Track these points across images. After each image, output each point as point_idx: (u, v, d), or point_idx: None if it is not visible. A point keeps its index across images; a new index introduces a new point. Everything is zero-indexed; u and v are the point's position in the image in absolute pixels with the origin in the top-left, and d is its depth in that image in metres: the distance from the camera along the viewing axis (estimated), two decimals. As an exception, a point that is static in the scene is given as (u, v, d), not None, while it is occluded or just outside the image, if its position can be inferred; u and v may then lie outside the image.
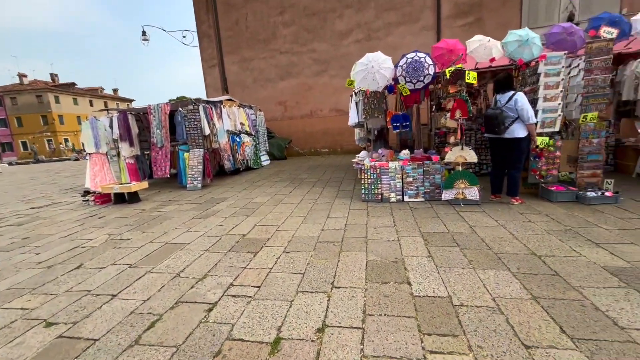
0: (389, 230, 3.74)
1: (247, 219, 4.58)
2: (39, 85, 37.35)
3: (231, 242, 3.69)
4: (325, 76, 11.96)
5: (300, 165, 10.33)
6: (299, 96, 12.42)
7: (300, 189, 6.39)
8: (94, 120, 7.79)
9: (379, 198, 4.99)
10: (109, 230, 4.61)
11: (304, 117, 12.58)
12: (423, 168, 4.89)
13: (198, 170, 7.30)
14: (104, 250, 3.79)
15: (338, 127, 12.14)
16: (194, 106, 7.33)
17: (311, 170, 9.02)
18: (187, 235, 4.05)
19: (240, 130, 9.40)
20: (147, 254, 3.53)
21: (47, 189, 9.19)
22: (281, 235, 3.80)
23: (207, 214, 5.02)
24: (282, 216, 4.61)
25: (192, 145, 7.45)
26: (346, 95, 11.63)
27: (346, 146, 12.25)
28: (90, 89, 44.07)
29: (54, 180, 11.44)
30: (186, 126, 7.42)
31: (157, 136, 7.55)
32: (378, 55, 5.34)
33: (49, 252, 3.88)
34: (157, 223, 4.75)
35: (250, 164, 9.66)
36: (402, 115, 5.70)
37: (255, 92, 12.75)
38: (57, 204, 6.90)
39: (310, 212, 4.71)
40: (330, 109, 12.21)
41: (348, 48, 11.54)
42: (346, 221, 4.17)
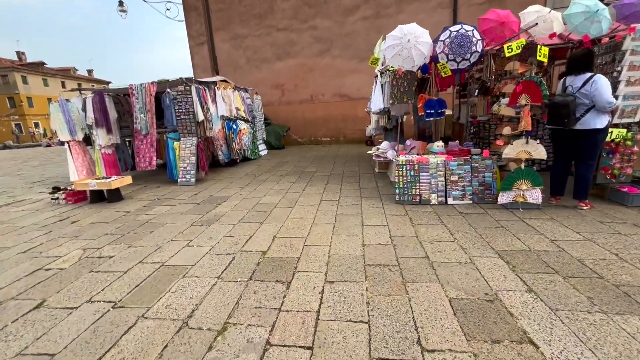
0: (451, 246, 2.95)
1: (262, 228, 3.68)
2: (4, 64, 34.14)
3: (250, 264, 2.81)
4: (328, 57, 10.91)
5: (302, 155, 9.39)
6: (298, 79, 11.34)
7: (313, 186, 5.51)
8: (64, 102, 6.57)
9: (417, 199, 4.18)
10: (83, 241, 3.62)
11: (304, 103, 11.55)
12: (471, 164, 4.10)
13: (191, 162, 6.27)
14: (76, 275, 2.83)
15: (341, 113, 11.21)
16: (186, 87, 6.23)
17: (317, 161, 8.12)
18: (189, 252, 3.14)
19: (235, 116, 8.34)
20: (137, 283, 2.61)
21: (9, 182, 7.92)
22: (313, 253, 2.95)
23: (209, 220, 4.08)
24: (304, 223, 3.74)
25: (184, 132, 6.38)
26: (351, 78, 10.70)
27: (350, 135, 11.37)
28: (61, 69, 40.80)
29: (19, 171, 10.06)
30: (176, 110, 6.33)
31: (141, 122, 6.43)
32: (414, 27, 4.44)
33: (1, 277, 2.88)
34: (147, 232, 3.79)
35: (247, 154, 8.65)
36: (438, 101, 4.87)
37: (249, 73, 11.57)
38: (20, 202, 5.76)
39: (338, 218, 3.86)
40: (332, 94, 11.22)
41: (354, 26, 10.49)
42: (389, 232, 3.35)
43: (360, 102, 10.93)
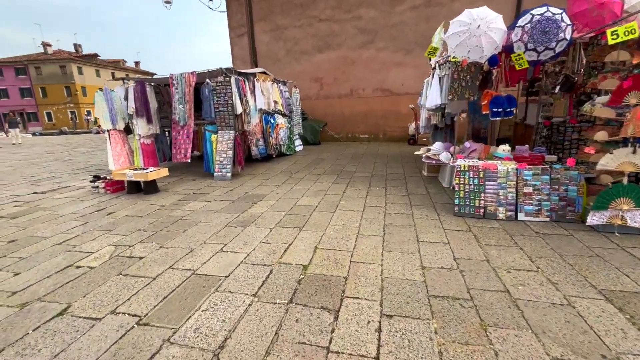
0: (535, 278, 2.38)
1: (301, 235, 3.30)
2: (62, 56, 36.89)
3: (290, 281, 2.43)
4: (372, 49, 10.30)
5: (339, 153, 8.94)
6: (338, 72, 10.85)
7: (355, 189, 5.05)
8: (108, 91, 6.62)
9: (481, 212, 3.59)
10: (116, 237, 3.46)
11: (343, 97, 11.05)
12: (550, 175, 3.43)
13: (228, 156, 6.06)
14: (104, 277, 2.62)
15: (382, 109, 10.60)
16: (225, 78, 6.00)
17: (356, 160, 7.63)
18: (223, 260, 2.83)
19: (273, 109, 8.05)
20: (165, 294, 2.33)
21: (59, 167, 8.26)
22: (363, 273, 2.51)
23: (244, 221, 3.78)
24: (348, 233, 3.31)
25: (221, 125, 6.18)
26: (395, 72, 10.03)
27: (390, 132, 10.73)
28: (112, 61, 43.42)
29: (69, 156, 10.57)
30: (215, 102, 6.13)
31: (179, 112, 6.32)
32: (485, 11, 3.81)
33: (32, 273, 2.75)
34: (180, 230, 3.56)
35: (283, 150, 8.36)
36: (507, 98, 4.19)
37: (288, 66, 11.27)
38: (64, 188, 5.87)
39: (388, 229, 3.38)
40: (374, 88, 10.61)
41: (402, 16, 9.79)
42: (452, 252, 2.82)
43: (403, 97, 10.25)
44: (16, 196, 5.42)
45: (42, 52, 37.06)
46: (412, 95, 10.06)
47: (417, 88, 9.97)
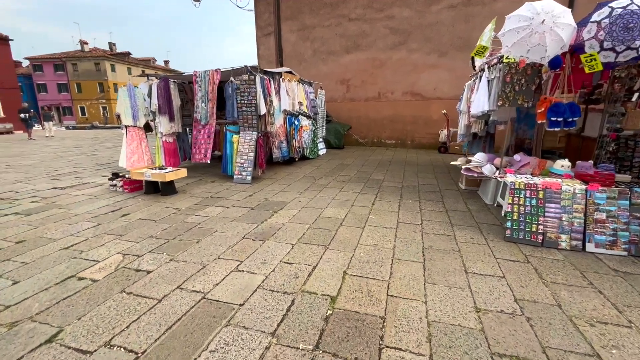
0: (630, 337, 1.85)
1: (327, 255, 2.89)
2: (97, 53, 38.49)
3: (315, 318, 2.02)
4: (403, 50, 9.78)
5: (365, 158, 8.47)
6: (366, 74, 10.39)
7: (385, 200, 4.59)
8: (132, 87, 6.50)
9: (539, 239, 3.04)
10: (126, 243, 3.18)
11: (370, 100, 10.58)
12: (630, 199, 2.85)
13: (249, 158, 5.75)
14: (105, 294, 2.32)
15: (411, 114, 10.04)
16: (250, 76, 5.71)
17: (383, 167, 7.15)
18: (237, 282, 2.46)
19: (298, 111, 7.71)
20: (169, 325, 1.98)
21: (82, 162, 8.28)
22: (404, 313, 2.07)
23: (263, 233, 3.41)
24: (381, 256, 2.86)
25: (244, 126, 5.88)
26: (428, 75, 9.46)
27: (419, 139, 10.14)
28: (143, 59, 44.91)
29: (95, 151, 10.70)
30: (238, 101, 5.85)
31: (201, 111, 6.08)
32: (551, 4, 3.27)
33: (31, 282, 2.49)
34: (193, 241, 3.24)
35: (306, 153, 8.00)
36: (569, 106, 3.60)
37: (314, 66, 10.93)
38: (83, 185, 5.75)
39: (428, 253, 2.91)
40: (403, 92, 10.07)
41: (438, 15, 9.22)
42: (510, 290, 2.32)
43: (435, 102, 9.66)
44: (36, 191, 5.33)
45: (79, 50, 38.82)
46: (445, 101, 9.47)
47: (451, 93, 9.39)
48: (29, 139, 15.03)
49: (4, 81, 20.31)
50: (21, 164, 8.12)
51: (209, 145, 6.09)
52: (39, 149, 11.52)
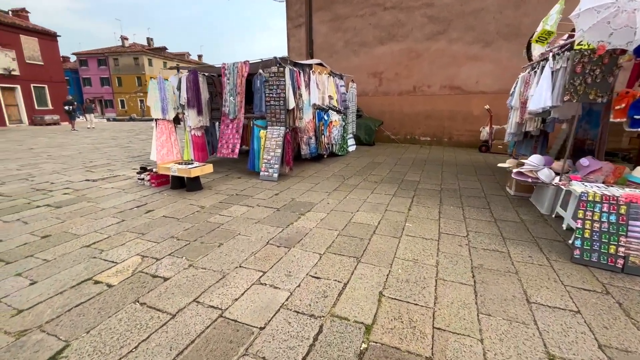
0: None
1: (360, 270, 2.55)
2: (136, 48, 40.20)
3: (347, 354, 1.70)
4: (442, 40, 9.08)
5: (397, 156, 7.98)
6: (400, 66, 9.80)
7: (422, 205, 4.16)
8: (162, 80, 6.46)
9: (618, 264, 2.51)
10: (147, 244, 3.03)
11: (404, 94, 9.99)
12: None
13: (276, 154, 5.50)
14: (119, 303, 2.14)
15: (449, 109, 9.35)
16: (279, 68, 5.43)
17: (418, 167, 6.64)
18: (259, 298, 2.19)
19: (328, 105, 7.37)
20: (180, 349, 1.74)
21: (116, 154, 8.48)
22: (455, 354, 1.69)
23: (288, 238, 3.13)
24: (423, 274, 2.48)
25: (272, 121, 5.63)
26: (469, 67, 8.73)
27: (457, 136, 9.44)
28: (178, 53, 46.35)
29: (129, 143, 11.01)
30: (266, 95, 5.60)
31: (230, 105, 5.91)
32: (642, -23, 2.66)
33: (48, 284, 2.38)
34: (215, 244, 3.02)
35: (334, 150, 7.65)
36: (659, 101, 2.97)
37: (345, 58, 10.48)
38: (114, 177, 5.80)
39: (478, 274, 2.49)
40: (441, 85, 9.38)
41: (483, 2, 8.42)
42: (591, 331, 1.87)
43: (476, 97, 8.90)
44: (70, 182, 5.42)
45: (120, 45, 40.73)
46: (488, 95, 8.69)
47: (495, 86, 8.60)
48: (72, 130, 15.88)
49: (53, 75, 21.65)
50: (61, 154, 8.46)
51: (237, 140, 5.91)
52: (79, 140, 12.06)
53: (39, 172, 6.27)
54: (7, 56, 18.64)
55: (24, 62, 19.70)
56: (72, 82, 41.24)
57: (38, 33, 20.76)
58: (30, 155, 8.35)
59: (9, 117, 19.11)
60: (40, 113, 20.39)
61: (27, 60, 19.86)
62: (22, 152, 8.79)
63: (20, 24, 19.82)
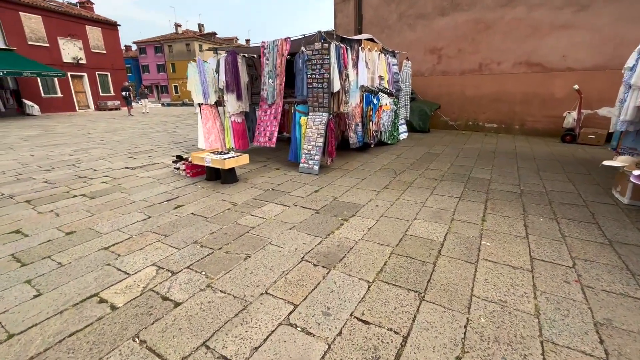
0: None
1: (424, 314, 1.86)
2: (188, 35, 41.68)
3: None
4: (521, 6, 7.55)
5: (458, 147, 6.90)
6: (465, 40, 8.45)
7: (501, 215, 3.27)
8: (201, 62, 6.12)
9: None
10: (167, 249, 2.63)
11: (466, 73, 8.66)
12: None
13: (317, 144, 4.88)
14: (115, 338, 1.72)
15: (523, 91, 7.90)
16: (324, 45, 4.71)
17: (486, 161, 5.58)
18: (285, 352, 1.62)
19: (378, 87, 6.50)
20: None
21: (161, 140, 8.51)
22: None
23: (328, 254, 2.52)
24: (519, 329, 1.72)
25: (314, 106, 4.99)
26: (554, 38, 7.22)
27: (531, 123, 7.98)
28: (227, 38, 47.26)
29: (175, 128, 11.16)
30: (308, 76, 4.94)
31: (269, 88, 5.36)
32: None
33: (51, 298, 2.07)
34: (241, 256, 2.52)
35: (383, 138, 6.81)
36: None
37: (399, 34, 9.35)
38: (152, 165, 5.65)
39: (609, 339, 1.66)
40: (515, 62, 7.91)
41: (580, -48, 6.75)
42: None
43: (561, 75, 7.34)
44: (110, 170, 5.36)
45: (174, 33, 42.52)
46: (578, 73, 7.11)
47: (590, 61, 6.98)
48: (129, 115, 16.79)
49: (114, 63, 23.12)
50: (112, 139, 8.72)
51: (275, 128, 5.38)
52: (132, 124, 12.57)
53: (87, 157, 6.37)
54: (75, 46, 20.17)
55: (90, 51, 21.19)
56: (133, 69, 44.30)
57: (101, 23, 22.12)
58: (86, 140, 8.72)
59: (78, 103, 20.87)
60: (104, 99, 21.98)
61: (92, 49, 21.35)
62: (80, 137, 9.24)
63: (86, 14, 21.24)
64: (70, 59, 19.97)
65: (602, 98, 6.66)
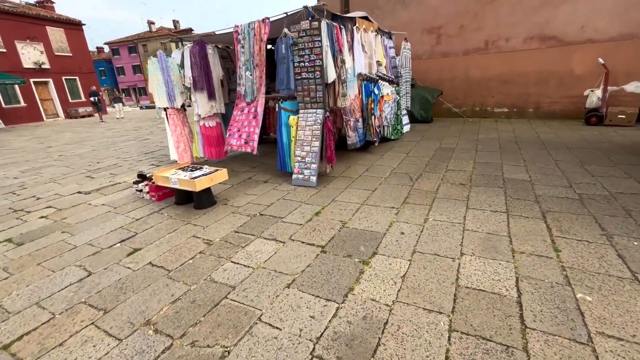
0: None
1: None
2: (163, 32, 39.57)
3: None
4: (530, -27, 6.66)
5: (471, 137, 6.03)
6: (467, 16, 7.53)
7: (575, 238, 2.40)
8: (163, 58, 5.06)
9: None
10: (97, 345, 1.67)
11: (470, 53, 7.77)
12: None
13: (313, 149, 3.93)
14: None
15: (537, 69, 7.05)
16: (312, 24, 3.72)
17: (512, 154, 4.73)
18: None
19: (378, 74, 5.55)
20: None
21: (130, 150, 7.40)
22: None
23: (353, 341, 1.61)
24: None
25: (304, 101, 4.02)
26: (571, 6, 6.36)
27: (547, 105, 7.16)
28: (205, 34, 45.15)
29: (149, 134, 10.01)
30: (295, 64, 3.95)
31: (246, 82, 4.35)
32: None
33: None
34: (216, 350, 1.58)
35: (386, 133, 5.89)
36: None
37: (391, 14, 8.37)
38: (112, 186, 4.61)
39: None
40: (526, 37, 7.04)
41: None
42: None
43: (580, 49, 6.52)
44: (58, 197, 4.31)
45: (148, 31, 40.34)
46: (600, 45, 6.29)
47: (614, 30, 6.13)
48: (101, 122, 15.43)
49: (82, 66, 21.42)
50: (74, 153, 7.56)
51: (254, 129, 4.37)
52: (102, 133, 11.33)
53: (35, 180, 5.28)
54: (35, 49, 18.46)
55: (53, 54, 19.48)
56: (107, 72, 42.08)
57: (63, 23, 20.35)
58: (42, 156, 7.54)
59: (46, 112, 19.25)
60: (74, 105, 20.37)
61: (55, 52, 19.63)
62: (37, 153, 8.04)
63: (45, 14, 19.46)
64: (31, 64, 18.28)
65: (629, 72, 5.88)
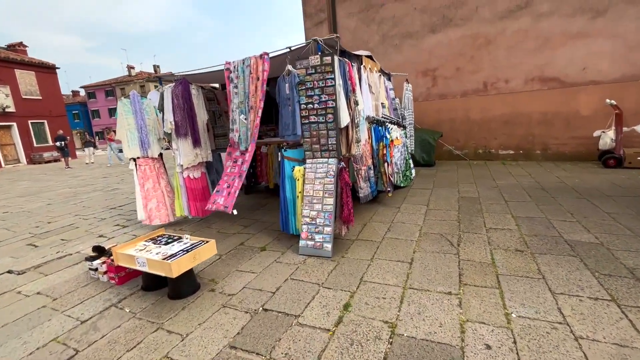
0: None
1: None
2: (143, 76, 39.49)
3: None
4: (524, 18, 6.66)
5: (488, 183, 5.45)
6: (463, 58, 7.41)
7: None
8: (136, 99, 4.27)
9: None
10: None
11: (469, 94, 7.55)
12: None
13: (326, 207, 3.10)
14: None
15: (540, 110, 6.84)
16: (324, 59, 3.10)
17: (552, 206, 4.10)
18: None
19: (384, 117, 5.01)
20: None
21: (92, 205, 6.27)
22: None
23: None
24: None
25: (312, 149, 3.28)
26: (570, 49, 6.31)
27: (555, 146, 6.86)
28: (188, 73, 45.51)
29: (120, 183, 8.89)
30: (302, 105, 3.26)
31: (240, 127, 3.58)
32: None
33: None
34: None
35: (396, 181, 5.22)
36: None
37: (383, 57, 8.18)
38: (59, 260, 3.52)
39: None
40: (527, 78, 6.90)
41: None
42: None
43: (584, 90, 6.38)
44: (-23, 280, 3.15)
45: (127, 75, 40.14)
46: (603, 86, 6.17)
47: (616, 72, 6.03)
48: (66, 168, 14.11)
49: (52, 109, 20.29)
50: (23, 209, 6.33)
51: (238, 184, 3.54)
52: (65, 181, 10.07)
53: (-43, 251, 4.06)
54: (0, 92, 17.31)
55: (20, 97, 18.34)
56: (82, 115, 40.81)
57: (35, 66, 19.52)
58: (-18, 213, 6.25)
59: (5, 158, 17.62)
60: (40, 150, 18.88)
61: (23, 95, 18.52)
62: (-23, 209, 6.72)
63: (15, 58, 18.60)
64: (-7, 107, 17.02)
65: (638, 112, 5.68)
